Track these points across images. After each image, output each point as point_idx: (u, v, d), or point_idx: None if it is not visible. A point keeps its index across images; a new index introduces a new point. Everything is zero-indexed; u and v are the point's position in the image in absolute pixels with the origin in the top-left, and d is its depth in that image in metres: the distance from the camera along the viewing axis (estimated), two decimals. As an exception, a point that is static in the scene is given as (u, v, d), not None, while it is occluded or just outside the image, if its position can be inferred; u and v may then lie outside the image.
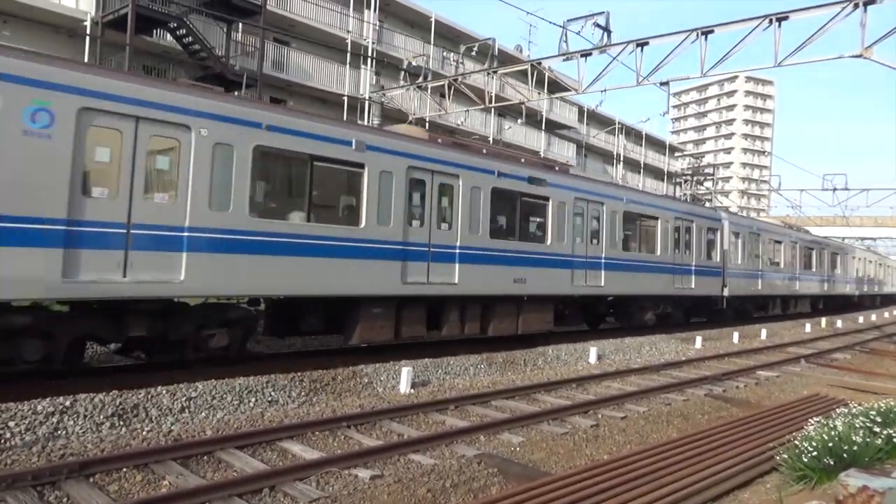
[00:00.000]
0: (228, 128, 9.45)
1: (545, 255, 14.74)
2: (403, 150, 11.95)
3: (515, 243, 14.09)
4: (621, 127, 49.27)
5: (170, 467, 6.14)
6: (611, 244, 16.62)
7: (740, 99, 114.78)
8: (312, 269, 10.41)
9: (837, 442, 6.05)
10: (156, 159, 8.86)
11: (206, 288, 9.28)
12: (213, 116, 9.28)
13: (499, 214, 13.91)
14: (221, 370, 9.68)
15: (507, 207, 14.10)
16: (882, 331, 27.55)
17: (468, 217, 12.98)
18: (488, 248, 13.37)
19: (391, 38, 32.07)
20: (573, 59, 16.77)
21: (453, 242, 12.75)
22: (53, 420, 6.95)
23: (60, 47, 21.23)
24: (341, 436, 7.58)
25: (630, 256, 17.52)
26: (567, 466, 6.93)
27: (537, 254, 14.55)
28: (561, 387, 11.10)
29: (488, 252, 13.38)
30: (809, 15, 13.38)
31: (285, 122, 10.25)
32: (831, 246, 36.23)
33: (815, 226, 47.56)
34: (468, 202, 12.98)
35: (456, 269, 12.75)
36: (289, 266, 10.10)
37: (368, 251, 11.20)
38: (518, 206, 14.26)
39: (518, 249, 14.09)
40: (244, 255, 9.55)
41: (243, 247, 9.55)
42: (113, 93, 8.32)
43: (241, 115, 9.64)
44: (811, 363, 16.19)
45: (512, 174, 14.02)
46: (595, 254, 16.10)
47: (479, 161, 13.42)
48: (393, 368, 10.77)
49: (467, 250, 12.95)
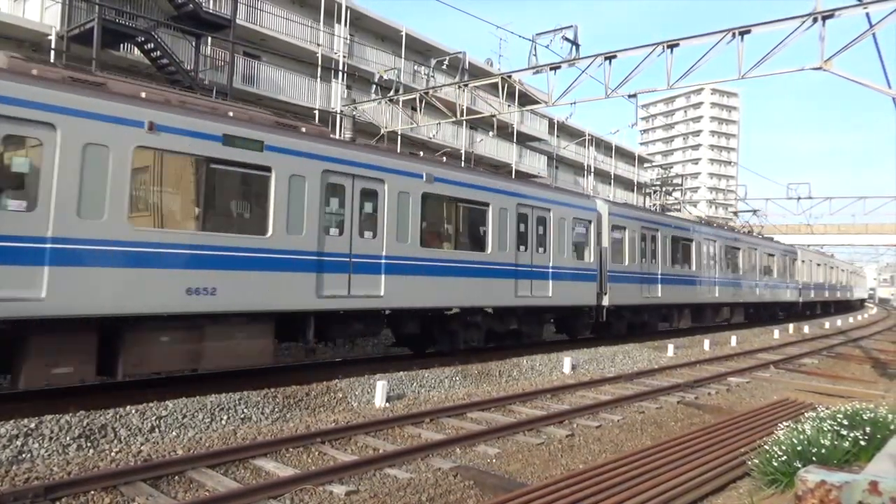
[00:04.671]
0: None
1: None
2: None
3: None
4: (591, 139, 49.88)
5: (139, 489, 6.01)
6: (399, 238, 12.35)
7: (706, 111, 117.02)
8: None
9: (806, 445, 6.16)
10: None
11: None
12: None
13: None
14: (192, 388, 9.51)
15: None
16: (847, 336, 28.17)
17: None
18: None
19: (362, 51, 32.13)
20: (543, 72, 16.96)
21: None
22: (17, 443, 6.76)
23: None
24: (316, 452, 7.49)
25: (434, 255, 13.14)
26: (543, 477, 6.94)
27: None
28: (536, 397, 11.13)
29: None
30: (771, 29, 13.73)
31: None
32: (763, 246, 31.66)
33: (781, 234, 48.49)
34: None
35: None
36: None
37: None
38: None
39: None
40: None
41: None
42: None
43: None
44: (780, 369, 16.48)
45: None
46: (374, 252, 11.97)
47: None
48: (367, 382, 10.69)
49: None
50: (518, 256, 15.04)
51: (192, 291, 9.21)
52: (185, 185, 9.76)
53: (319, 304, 10.87)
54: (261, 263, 10.05)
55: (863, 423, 6.85)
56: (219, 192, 10.12)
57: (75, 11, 21.70)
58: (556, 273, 16.16)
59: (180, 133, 9.26)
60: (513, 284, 14.80)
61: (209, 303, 9.40)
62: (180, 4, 22.78)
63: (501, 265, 14.54)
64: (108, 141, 8.54)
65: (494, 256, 14.35)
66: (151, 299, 8.83)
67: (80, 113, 8.30)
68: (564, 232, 16.57)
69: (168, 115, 9.17)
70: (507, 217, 14.78)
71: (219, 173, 9.85)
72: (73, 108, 8.28)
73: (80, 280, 8.19)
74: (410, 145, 31.96)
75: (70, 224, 8.12)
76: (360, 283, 11.53)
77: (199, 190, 9.73)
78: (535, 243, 15.66)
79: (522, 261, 15.14)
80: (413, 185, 12.61)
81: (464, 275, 13.61)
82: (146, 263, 8.79)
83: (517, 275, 14.95)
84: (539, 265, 15.69)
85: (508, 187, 15.23)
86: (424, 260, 12.75)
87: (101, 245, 8.41)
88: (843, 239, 58.88)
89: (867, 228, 55.35)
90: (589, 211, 17.86)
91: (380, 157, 12.17)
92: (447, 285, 13.24)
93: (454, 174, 13.85)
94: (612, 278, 18.46)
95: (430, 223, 13.29)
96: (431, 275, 12.89)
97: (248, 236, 10.03)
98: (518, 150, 41.26)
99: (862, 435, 6.63)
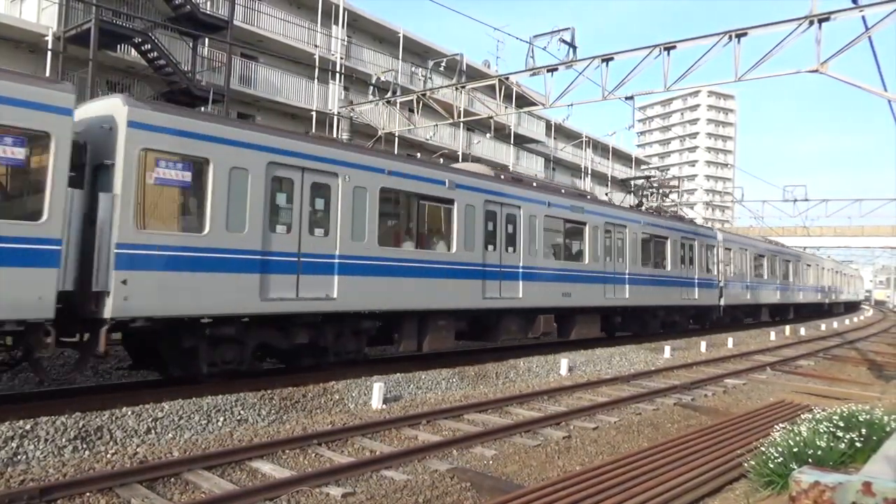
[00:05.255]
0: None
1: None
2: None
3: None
4: (588, 140, 49.98)
5: (135, 490, 5.99)
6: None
7: (703, 113, 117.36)
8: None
9: (802, 447, 6.18)
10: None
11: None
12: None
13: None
14: (189, 389, 9.49)
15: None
16: (843, 338, 28.24)
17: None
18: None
19: (359, 53, 32.16)
20: (540, 74, 16.98)
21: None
22: (13, 444, 6.73)
23: (22, 63, 20.81)
24: (312, 454, 7.48)
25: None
26: (540, 478, 6.93)
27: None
28: (533, 399, 11.13)
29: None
30: (767, 31, 13.76)
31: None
32: (688, 231, 23.65)
33: (778, 236, 48.60)
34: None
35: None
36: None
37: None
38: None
39: None
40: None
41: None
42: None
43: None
44: (776, 370, 16.51)
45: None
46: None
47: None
48: (364, 384, 10.68)
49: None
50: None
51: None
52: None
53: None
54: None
55: (859, 424, 6.87)
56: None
57: (72, 12, 21.70)
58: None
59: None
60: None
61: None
62: (177, 5, 22.80)
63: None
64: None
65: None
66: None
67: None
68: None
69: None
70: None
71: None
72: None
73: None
74: (408, 147, 32.03)
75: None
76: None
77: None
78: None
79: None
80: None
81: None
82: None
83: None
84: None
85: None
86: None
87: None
88: (839, 241, 59.02)
89: (863, 231, 55.48)
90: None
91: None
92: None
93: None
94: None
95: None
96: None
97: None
98: (515, 151, 41.33)
99: (858, 437, 6.65)
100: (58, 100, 8.05)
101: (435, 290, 12.99)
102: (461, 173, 14.10)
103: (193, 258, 9.31)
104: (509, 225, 14.90)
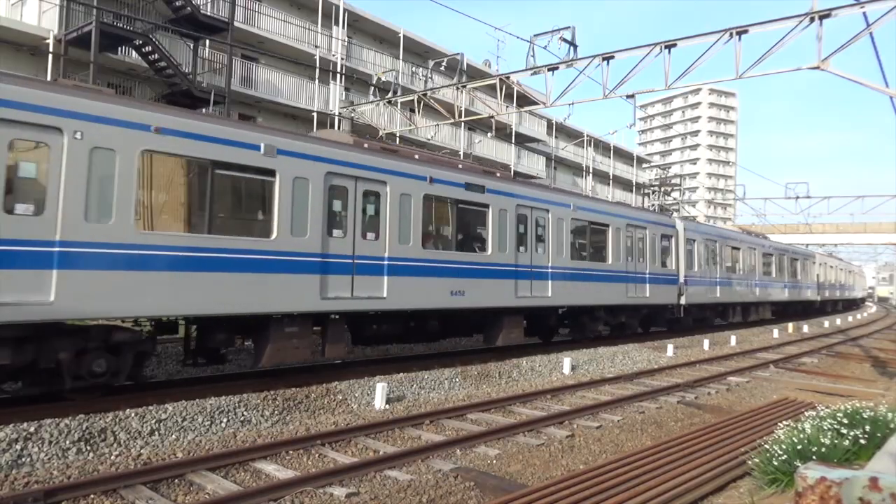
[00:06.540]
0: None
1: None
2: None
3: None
4: (589, 139, 49.93)
5: (139, 492, 6.00)
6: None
7: (704, 111, 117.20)
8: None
9: (806, 444, 6.16)
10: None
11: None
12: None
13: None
14: (192, 391, 9.50)
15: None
16: (847, 335, 28.20)
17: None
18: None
19: (360, 53, 32.15)
20: (541, 73, 16.98)
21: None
22: (17, 447, 6.75)
23: (23, 65, 20.85)
24: (316, 454, 7.49)
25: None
26: (543, 478, 6.93)
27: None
28: (536, 398, 11.12)
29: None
30: (768, 28, 13.74)
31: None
32: (651, 220, 21.12)
33: (780, 233, 48.51)
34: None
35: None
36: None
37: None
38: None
39: None
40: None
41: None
42: None
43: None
44: (780, 368, 16.49)
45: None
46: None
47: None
48: (367, 384, 10.69)
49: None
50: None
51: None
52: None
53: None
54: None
55: (863, 421, 6.85)
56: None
57: (73, 15, 21.73)
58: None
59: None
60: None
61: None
62: (178, 7, 22.81)
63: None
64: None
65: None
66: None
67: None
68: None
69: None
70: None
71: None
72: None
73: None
74: (409, 147, 31.98)
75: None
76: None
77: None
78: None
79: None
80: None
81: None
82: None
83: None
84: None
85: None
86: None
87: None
88: (841, 238, 58.94)
89: (866, 227, 55.41)
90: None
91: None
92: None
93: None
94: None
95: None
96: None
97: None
98: (516, 151, 41.30)
99: (862, 434, 6.64)
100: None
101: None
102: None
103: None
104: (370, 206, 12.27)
